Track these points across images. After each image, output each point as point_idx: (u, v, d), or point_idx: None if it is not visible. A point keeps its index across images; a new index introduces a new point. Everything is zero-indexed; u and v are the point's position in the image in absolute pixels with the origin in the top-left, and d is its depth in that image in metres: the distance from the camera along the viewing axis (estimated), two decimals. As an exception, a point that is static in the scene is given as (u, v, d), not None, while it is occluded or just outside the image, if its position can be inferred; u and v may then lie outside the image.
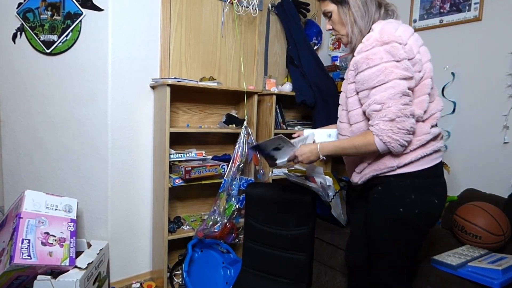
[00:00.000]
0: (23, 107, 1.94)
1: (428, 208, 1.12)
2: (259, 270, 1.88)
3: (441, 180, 1.19)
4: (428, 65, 1.13)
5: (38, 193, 1.66)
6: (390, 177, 1.15)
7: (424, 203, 1.11)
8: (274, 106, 2.27)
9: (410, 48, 1.07)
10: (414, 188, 1.12)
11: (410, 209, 1.11)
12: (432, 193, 1.13)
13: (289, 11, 2.47)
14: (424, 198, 1.12)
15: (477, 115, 1.90)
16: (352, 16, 1.16)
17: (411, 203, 1.11)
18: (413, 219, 1.12)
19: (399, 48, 1.04)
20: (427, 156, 1.12)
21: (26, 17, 1.87)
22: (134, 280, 2.12)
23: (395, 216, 1.13)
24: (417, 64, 1.08)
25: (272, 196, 1.84)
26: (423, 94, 1.10)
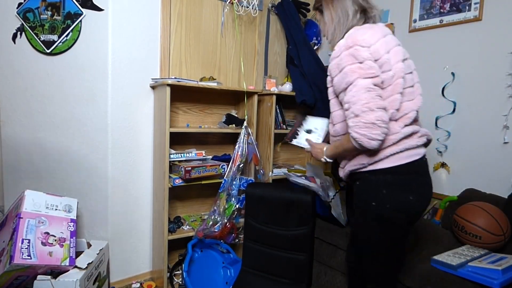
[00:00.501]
0: (23, 107, 1.94)
1: (400, 204, 1.16)
2: (259, 270, 1.88)
3: (419, 177, 1.20)
4: (399, 65, 1.16)
5: (38, 193, 1.66)
6: (365, 173, 1.21)
7: (396, 198, 1.15)
8: (274, 106, 2.27)
9: (375, 50, 1.13)
10: (386, 184, 1.16)
11: (382, 204, 1.16)
12: (406, 190, 1.16)
13: (289, 11, 2.47)
14: (396, 194, 1.16)
15: (477, 115, 1.90)
16: (330, 23, 1.30)
17: (383, 198, 1.16)
18: (384, 213, 1.17)
19: (361, 51, 1.11)
20: (399, 154, 1.15)
21: (26, 17, 1.87)
22: (134, 280, 2.12)
23: (369, 210, 1.20)
24: (385, 64, 1.14)
25: (272, 196, 1.84)
26: (395, 93, 1.15)
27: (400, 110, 1.16)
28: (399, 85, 1.15)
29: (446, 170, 2.03)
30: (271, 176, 2.31)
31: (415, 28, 2.17)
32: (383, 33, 1.20)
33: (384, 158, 1.15)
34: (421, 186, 1.20)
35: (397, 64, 1.16)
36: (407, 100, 1.19)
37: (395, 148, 1.14)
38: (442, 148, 2.04)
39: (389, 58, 1.15)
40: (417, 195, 1.17)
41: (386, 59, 1.14)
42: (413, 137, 1.19)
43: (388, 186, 1.16)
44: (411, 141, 1.17)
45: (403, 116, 1.17)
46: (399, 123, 1.16)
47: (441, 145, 2.04)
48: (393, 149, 1.14)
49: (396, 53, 1.18)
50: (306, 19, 2.70)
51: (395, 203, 1.15)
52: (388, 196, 1.16)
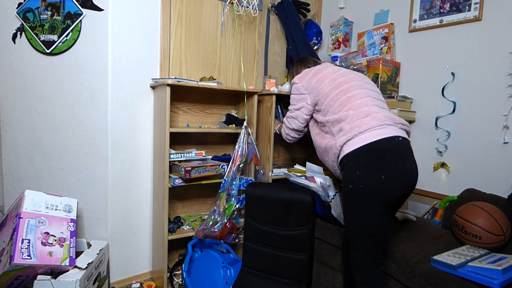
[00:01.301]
0: (23, 107, 1.94)
1: (372, 183, 1.25)
2: (259, 270, 1.88)
3: (389, 156, 1.28)
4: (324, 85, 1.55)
5: (38, 193, 1.66)
6: (343, 159, 1.36)
7: (368, 178, 1.26)
8: (274, 106, 2.27)
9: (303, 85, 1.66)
10: (360, 165, 1.29)
11: (356, 184, 1.28)
12: (378, 169, 1.26)
13: (289, 11, 2.47)
14: (368, 173, 1.27)
15: (477, 115, 1.90)
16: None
17: (357, 179, 1.28)
18: (358, 193, 1.28)
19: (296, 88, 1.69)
20: (363, 133, 1.31)
21: (26, 17, 1.87)
22: (134, 280, 2.12)
23: (347, 192, 1.33)
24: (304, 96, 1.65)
25: (272, 196, 1.84)
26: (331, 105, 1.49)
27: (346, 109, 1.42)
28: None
29: (446, 170, 2.03)
30: (271, 176, 2.31)
31: (415, 28, 2.17)
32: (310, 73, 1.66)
33: (350, 140, 1.33)
34: (391, 165, 1.27)
35: (323, 84, 1.56)
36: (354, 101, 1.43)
37: (358, 129, 1.31)
38: (442, 148, 2.04)
39: (314, 87, 1.59)
40: (388, 175, 1.25)
41: (307, 91, 1.62)
42: (370, 117, 1.34)
43: (362, 166, 1.28)
44: (371, 121, 1.32)
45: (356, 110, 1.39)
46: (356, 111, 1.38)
47: (441, 145, 2.04)
48: (357, 130, 1.31)
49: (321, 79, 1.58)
50: (306, 19, 2.70)
51: (367, 183, 1.26)
52: (361, 176, 1.27)
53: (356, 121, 1.35)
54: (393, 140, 1.30)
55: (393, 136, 1.31)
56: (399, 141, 1.32)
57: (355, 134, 1.32)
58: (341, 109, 1.43)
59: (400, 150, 1.31)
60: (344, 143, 1.35)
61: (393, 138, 1.31)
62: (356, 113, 1.37)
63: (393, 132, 1.32)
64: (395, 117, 1.40)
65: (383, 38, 2.30)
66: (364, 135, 1.31)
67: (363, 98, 1.43)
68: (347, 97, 1.44)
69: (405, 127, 1.41)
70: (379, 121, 1.33)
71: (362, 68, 2.30)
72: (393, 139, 1.31)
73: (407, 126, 1.42)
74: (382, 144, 1.29)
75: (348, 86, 1.48)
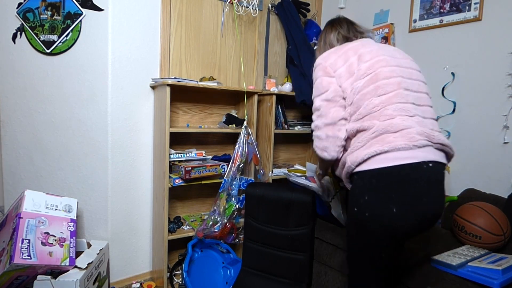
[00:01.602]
0: (23, 107, 1.94)
1: (380, 214, 1.06)
2: (259, 270, 1.88)
3: (408, 187, 1.05)
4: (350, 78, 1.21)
5: (38, 193, 1.66)
6: (355, 176, 1.14)
7: (377, 207, 1.06)
8: (274, 106, 2.27)
9: (330, 64, 1.24)
10: (370, 189, 1.08)
11: (362, 210, 1.09)
12: (391, 200, 1.05)
13: (289, 11, 2.47)
14: (377, 202, 1.06)
15: (477, 115, 1.90)
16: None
17: (364, 204, 1.09)
18: (363, 221, 1.09)
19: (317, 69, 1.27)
20: (383, 154, 1.06)
21: (26, 17, 1.87)
22: (134, 280, 2.12)
23: (351, 214, 1.15)
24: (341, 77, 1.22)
25: (272, 196, 1.84)
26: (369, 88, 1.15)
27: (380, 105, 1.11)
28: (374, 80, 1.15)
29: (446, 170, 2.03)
30: (271, 176, 2.31)
31: (415, 28, 2.17)
32: (345, 48, 1.26)
33: (368, 159, 1.08)
34: (407, 196, 1.05)
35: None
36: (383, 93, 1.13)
37: (380, 147, 1.06)
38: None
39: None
40: (403, 208, 1.04)
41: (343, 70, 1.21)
42: (399, 134, 1.07)
43: (371, 191, 1.08)
44: (399, 140, 1.05)
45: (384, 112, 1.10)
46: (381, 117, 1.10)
47: (441, 145, 2.04)
48: (378, 148, 1.06)
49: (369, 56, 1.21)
50: (306, 19, 2.70)
51: (373, 213, 1.07)
52: (368, 203, 1.08)
53: (380, 135, 1.09)
54: (420, 167, 1.05)
55: (421, 161, 1.05)
56: (429, 168, 1.06)
57: (375, 153, 1.07)
58: (368, 111, 1.13)
59: (427, 180, 1.06)
60: (360, 161, 1.10)
61: (421, 165, 1.05)
62: (383, 125, 1.08)
63: (423, 156, 1.06)
64: (434, 134, 1.09)
65: (383, 38, 2.30)
66: (384, 156, 1.06)
67: (399, 103, 1.10)
68: (381, 99, 1.12)
69: (444, 147, 1.12)
70: (409, 140, 1.05)
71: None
72: (421, 166, 1.05)
73: (447, 147, 1.13)
74: (404, 170, 1.04)
75: (385, 78, 1.13)
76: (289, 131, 2.43)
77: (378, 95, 1.12)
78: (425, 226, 1.11)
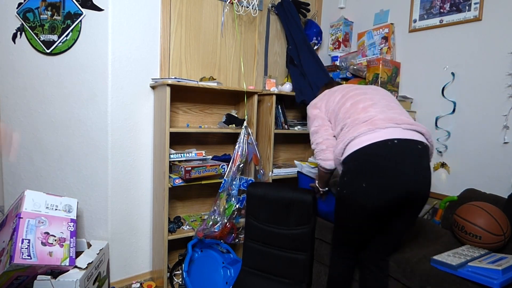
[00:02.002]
0: (23, 107, 1.94)
1: (353, 191, 1.28)
2: (259, 269, 1.88)
3: (374, 163, 1.24)
4: (330, 106, 1.55)
5: (38, 193, 1.66)
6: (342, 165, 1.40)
7: (351, 185, 1.29)
8: (274, 106, 2.27)
9: (320, 106, 1.61)
10: (348, 171, 1.32)
11: (342, 189, 1.33)
12: (360, 177, 1.26)
13: (289, 11, 2.47)
14: (351, 181, 1.29)
15: (477, 115, 1.90)
16: None
17: (343, 184, 1.33)
18: (343, 197, 1.34)
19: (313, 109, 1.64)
20: (352, 141, 1.31)
21: (26, 17, 1.87)
22: (134, 280, 2.12)
23: (337, 194, 1.39)
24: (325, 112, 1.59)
25: (273, 196, 1.84)
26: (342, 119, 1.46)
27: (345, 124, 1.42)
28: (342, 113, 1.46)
29: (446, 170, 2.03)
30: (271, 176, 2.31)
31: (415, 28, 2.17)
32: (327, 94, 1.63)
33: (344, 150, 1.34)
34: (381, 172, 1.23)
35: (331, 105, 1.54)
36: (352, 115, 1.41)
37: (350, 136, 1.32)
38: (442, 148, 2.04)
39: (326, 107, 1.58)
40: (371, 182, 1.24)
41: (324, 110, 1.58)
42: (366, 123, 1.31)
43: (349, 173, 1.31)
44: (364, 127, 1.29)
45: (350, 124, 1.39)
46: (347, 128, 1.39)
47: (441, 145, 2.04)
48: (349, 137, 1.32)
49: (333, 100, 1.55)
50: (306, 19, 2.70)
51: (349, 190, 1.30)
52: (346, 183, 1.31)
53: (352, 128, 1.34)
54: (385, 144, 1.24)
55: (386, 139, 1.24)
56: (394, 144, 1.23)
57: (348, 141, 1.32)
58: (343, 117, 1.42)
59: (394, 154, 1.23)
60: (341, 151, 1.36)
61: (385, 142, 1.24)
62: (353, 119, 1.36)
63: (388, 135, 1.25)
64: (400, 117, 1.31)
65: (383, 38, 2.30)
66: (355, 141, 1.29)
67: (365, 103, 1.39)
68: (351, 105, 1.42)
69: (412, 126, 1.29)
70: (372, 125, 1.28)
71: (362, 68, 2.30)
72: (385, 143, 1.24)
73: (418, 127, 1.31)
74: (370, 149, 1.25)
75: (354, 95, 1.45)
76: (289, 131, 2.43)
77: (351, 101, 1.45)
78: (404, 194, 1.24)
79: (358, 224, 1.35)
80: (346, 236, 1.45)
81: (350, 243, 1.47)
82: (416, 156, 1.25)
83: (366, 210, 1.27)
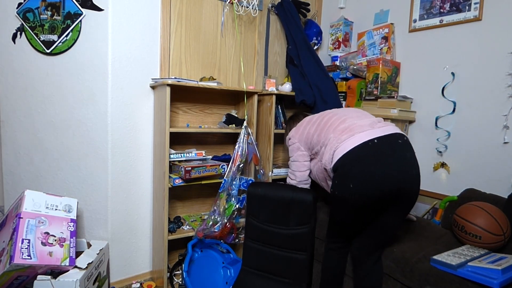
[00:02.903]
0: (23, 107, 1.94)
1: (343, 192, 1.40)
2: (260, 269, 1.88)
3: (357, 164, 1.37)
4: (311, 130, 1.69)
5: (38, 193, 1.66)
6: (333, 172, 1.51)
7: (341, 187, 1.41)
8: (274, 106, 2.27)
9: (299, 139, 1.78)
10: (337, 176, 1.43)
11: (334, 190, 1.44)
12: (348, 178, 1.38)
13: (289, 11, 2.47)
14: (341, 183, 1.41)
15: (477, 115, 1.90)
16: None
17: (335, 186, 1.44)
18: (336, 197, 1.45)
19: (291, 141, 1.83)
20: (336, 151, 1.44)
21: (26, 17, 1.87)
22: (134, 280, 2.13)
23: (331, 193, 1.49)
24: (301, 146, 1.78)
25: (273, 195, 1.84)
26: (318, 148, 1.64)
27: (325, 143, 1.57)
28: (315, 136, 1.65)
29: (446, 170, 2.03)
30: (271, 176, 2.31)
31: (415, 28, 2.17)
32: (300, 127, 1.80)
33: (332, 158, 1.46)
34: (364, 170, 1.35)
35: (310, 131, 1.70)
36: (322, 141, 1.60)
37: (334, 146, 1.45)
38: (442, 148, 2.04)
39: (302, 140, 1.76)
40: (357, 181, 1.35)
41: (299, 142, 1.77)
42: (345, 132, 1.45)
43: (338, 177, 1.43)
44: (344, 135, 1.44)
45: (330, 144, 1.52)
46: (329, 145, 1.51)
47: (441, 145, 2.04)
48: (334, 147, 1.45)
49: (309, 129, 1.71)
50: (306, 19, 2.70)
51: (339, 191, 1.41)
52: (337, 185, 1.42)
53: (334, 139, 1.48)
54: (365, 145, 1.37)
55: (364, 141, 1.37)
56: (374, 143, 1.37)
57: (333, 150, 1.45)
58: (324, 136, 1.58)
59: (375, 153, 1.36)
60: (330, 160, 1.48)
61: (366, 143, 1.37)
62: (335, 135, 1.49)
63: (368, 136, 1.39)
64: (375, 120, 1.49)
65: (383, 38, 2.30)
66: (339, 149, 1.43)
67: (342, 119, 1.55)
68: (329, 125, 1.58)
69: (385, 126, 1.46)
70: (351, 131, 1.43)
71: (362, 68, 2.30)
72: (365, 144, 1.37)
73: (389, 124, 1.48)
74: (353, 153, 1.38)
75: (329, 118, 1.63)
76: (289, 131, 2.43)
77: (327, 122, 1.62)
78: (387, 195, 1.36)
79: (349, 218, 1.48)
80: (338, 228, 1.58)
81: (342, 234, 1.60)
82: (398, 150, 1.39)
83: (353, 206, 1.40)
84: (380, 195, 1.35)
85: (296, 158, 1.80)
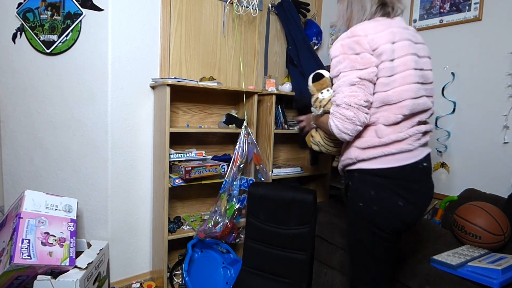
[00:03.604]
0: (23, 107, 1.94)
1: (389, 208, 1.10)
2: (260, 269, 1.88)
3: (411, 185, 1.11)
4: (406, 59, 1.10)
5: (38, 193, 1.66)
6: (354, 172, 1.18)
7: (384, 201, 1.11)
8: (274, 106, 2.27)
9: (371, 40, 1.09)
10: (374, 185, 1.12)
11: (369, 204, 1.12)
12: (395, 194, 1.10)
13: (289, 11, 2.47)
14: (384, 196, 1.10)
15: (477, 115, 1.90)
16: (344, 15, 1.28)
17: (371, 199, 1.12)
18: (371, 214, 1.12)
19: (357, 42, 1.10)
20: (390, 156, 1.10)
21: (26, 17, 1.87)
22: (134, 280, 2.12)
23: (356, 210, 1.16)
24: (383, 54, 1.08)
25: (274, 195, 1.84)
26: (404, 84, 1.09)
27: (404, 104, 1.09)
28: (410, 77, 1.09)
29: (446, 170, 2.03)
30: (271, 176, 2.31)
31: (415, 28, 2.17)
32: (390, 25, 1.14)
33: (373, 158, 1.12)
34: (413, 194, 1.11)
35: (405, 57, 1.10)
36: (417, 96, 1.10)
37: (386, 149, 1.10)
38: (442, 148, 2.04)
39: (393, 49, 1.09)
40: (407, 202, 1.10)
41: (386, 49, 1.08)
42: (408, 140, 1.11)
43: (376, 187, 1.11)
44: (404, 144, 1.10)
45: (408, 117, 1.11)
46: (401, 125, 1.11)
47: (441, 145, 2.04)
48: (383, 150, 1.10)
49: (403, 47, 1.11)
50: (306, 19, 2.70)
51: (382, 206, 1.11)
52: (375, 198, 1.11)
53: (383, 134, 1.11)
54: (416, 167, 1.12)
55: (417, 161, 1.11)
56: (424, 167, 1.14)
57: (375, 155, 1.12)
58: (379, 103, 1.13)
59: (422, 176, 1.14)
60: (361, 158, 1.15)
61: (417, 165, 1.12)
62: (386, 119, 1.11)
63: (418, 155, 1.12)
64: (426, 129, 1.16)
65: (383, 38, 2.29)
66: (389, 158, 1.11)
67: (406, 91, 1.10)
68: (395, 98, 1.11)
69: (428, 139, 1.19)
70: (406, 144, 1.10)
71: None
72: (417, 166, 1.12)
73: (429, 137, 1.20)
74: (405, 171, 1.10)
75: (406, 89, 1.11)
76: (289, 131, 2.43)
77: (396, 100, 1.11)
78: (418, 216, 1.16)
79: (387, 244, 1.16)
80: (378, 266, 1.20)
81: (383, 276, 1.21)
82: (430, 175, 1.19)
83: (398, 228, 1.14)
84: (416, 219, 1.16)
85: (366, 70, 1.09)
